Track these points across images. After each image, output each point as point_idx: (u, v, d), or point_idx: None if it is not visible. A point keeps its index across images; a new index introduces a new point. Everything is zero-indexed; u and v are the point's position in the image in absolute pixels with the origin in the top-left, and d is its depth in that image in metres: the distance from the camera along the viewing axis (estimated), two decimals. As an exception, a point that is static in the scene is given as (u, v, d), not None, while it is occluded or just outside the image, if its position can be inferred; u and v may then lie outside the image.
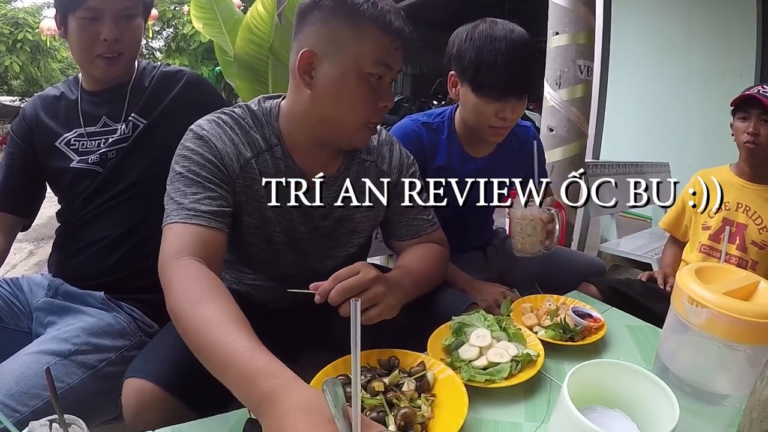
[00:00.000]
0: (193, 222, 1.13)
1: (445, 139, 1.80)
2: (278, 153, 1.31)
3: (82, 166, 1.57)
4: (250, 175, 1.27)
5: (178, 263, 1.06)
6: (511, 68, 1.52)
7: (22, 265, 4.82)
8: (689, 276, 0.93)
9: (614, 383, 0.88)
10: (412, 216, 1.49)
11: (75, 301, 1.52)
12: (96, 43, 1.50)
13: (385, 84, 1.24)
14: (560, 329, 1.31)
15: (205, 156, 1.20)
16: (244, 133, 1.27)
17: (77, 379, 1.30)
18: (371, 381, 1.02)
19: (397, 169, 1.47)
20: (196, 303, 0.98)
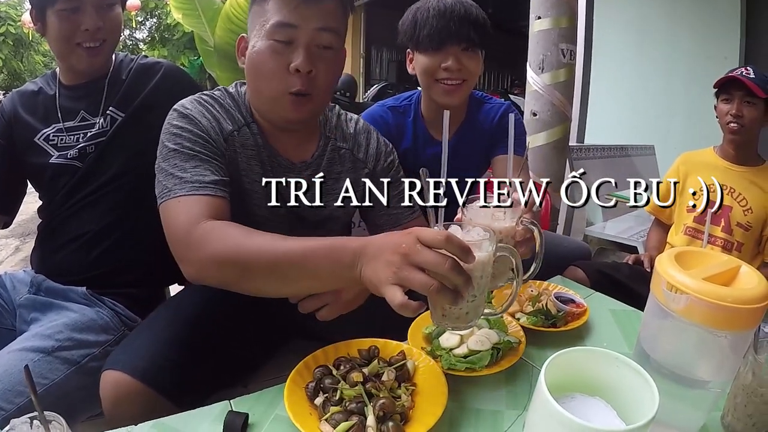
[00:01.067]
0: (200, 193, 1.13)
1: (411, 122, 1.82)
2: (255, 129, 1.33)
3: (62, 161, 1.56)
4: (232, 147, 1.29)
5: (203, 225, 1.06)
6: (442, 17, 1.59)
7: (8, 261, 4.81)
8: (669, 261, 0.92)
9: (594, 370, 0.87)
10: (392, 205, 1.48)
11: (57, 297, 1.52)
12: (77, 33, 1.49)
13: (299, 47, 1.19)
14: (542, 315, 1.30)
15: (194, 132, 1.21)
16: (224, 110, 1.30)
17: (61, 375, 1.31)
18: (350, 371, 1.01)
19: (373, 158, 1.46)
20: (246, 237, 1.04)
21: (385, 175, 1.48)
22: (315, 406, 0.97)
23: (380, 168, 1.47)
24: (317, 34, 1.20)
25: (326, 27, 1.21)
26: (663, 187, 2.30)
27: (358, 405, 0.94)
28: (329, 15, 1.22)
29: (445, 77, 1.65)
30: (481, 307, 0.97)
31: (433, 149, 1.80)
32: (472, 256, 0.85)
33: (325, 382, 1.00)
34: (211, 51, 4.47)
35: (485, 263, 0.91)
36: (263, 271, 1.02)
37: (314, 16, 1.19)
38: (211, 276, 1.07)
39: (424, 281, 0.83)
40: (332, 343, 1.14)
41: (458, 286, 0.85)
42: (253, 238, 1.03)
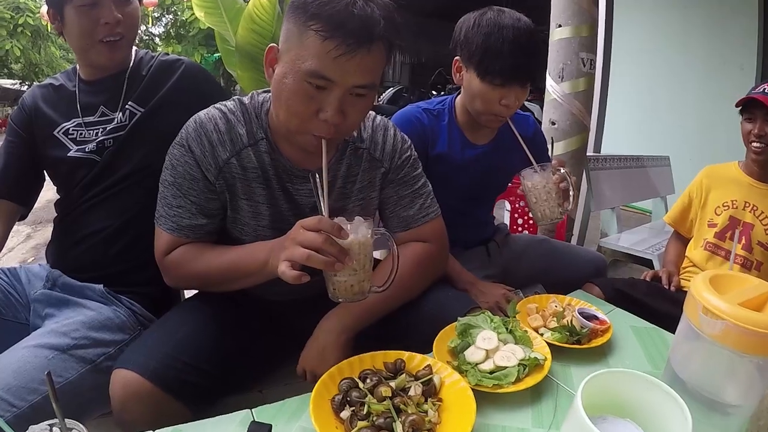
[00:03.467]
0: (176, 234, 1.31)
1: (446, 126, 1.80)
2: (263, 147, 1.30)
3: (80, 155, 1.55)
4: (230, 174, 1.29)
5: (169, 257, 1.33)
6: (516, 56, 1.53)
7: (19, 248, 4.82)
8: (704, 285, 0.91)
9: (625, 392, 0.86)
10: (404, 205, 1.45)
11: (74, 294, 1.51)
12: (97, 28, 1.48)
13: (331, 96, 1.12)
14: (567, 332, 1.29)
15: (185, 167, 1.27)
16: (228, 129, 1.28)
17: (75, 373, 1.29)
18: (378, 385, 1.00)
19: (389, 156, 1.42)
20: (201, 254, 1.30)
21: (398, 173, 1.44)
22: (341, 419, 0.97)
23: (395, 166, 1.44)
24: (353, 89, 1.14)
25: (364, 84, 1.15)
26: (684, 199, 2.28)
27: (386, 420, 0.93)
28: (371, 71, 1.15)
29: (500, 112, 1.63)
30: (365, 282, 1.12)
31: (471, 152, 1.81)
32: (344, 232, 1.04)
33: (351, 395, 0.99)
34: (231, 50, 4.45)
35: (362, 243, 1.08)
36: (214, 281, 1.31)
37: (354, 72, 1.11)
38: (183, 287, 1.36)
39: (303, 253, 1.02)
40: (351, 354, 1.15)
41: (334, 255, 1.03)
42: (202, 258, 1.29)
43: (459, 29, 1.66)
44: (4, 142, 1.64)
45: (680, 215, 2.31)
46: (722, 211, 2.13)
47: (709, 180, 2.22)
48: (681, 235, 2.34)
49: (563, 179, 1.54)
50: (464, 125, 1.81)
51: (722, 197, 2.15)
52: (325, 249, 1.02)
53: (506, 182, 2.06)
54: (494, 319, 1.25)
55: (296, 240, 1.04)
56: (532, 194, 1.57)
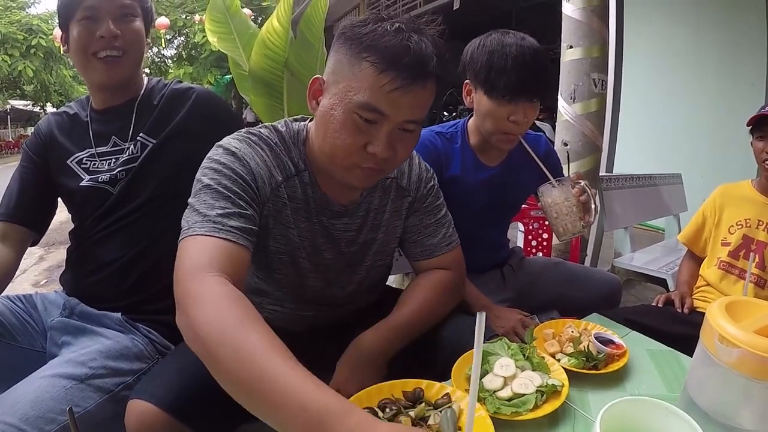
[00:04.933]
0: (220, 236, 1.04)
1: (459, 148, 1.82)
2: (306, 178, 1.28)
3: (92, 184, 1.56)
4: (280, 199, 1.25)
5: (207, 278, 0.96)
6: (521, 70, 1.56)
7: (32, 270, 4.86)
8: (719, 312, 0.92)
9: (643, 419, 0.87)
10: (428, 234, 1.47)
11: (91, 322, 1.51)
12: (92, 41, 1.49)
13: (382, 130, 1.11)
14: (583, 357, 1.30)
15: (238, 172, 1.14)
16: (274, 156, 1.24)
17: (93, 403, 1.29)
18: (397, 415, 1.02)
19: (416, 185, 1.45)
20: (237, 326, 0.87)
21: (423, 202, 1.46)
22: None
23: (420, 195, 1.46)
24: (403, 123, 1.13)
25: (414, 119, 1.14)
26: (698, 218, 2.28)
27: None
28: (422, 107, 1.15)
29: (510, 130, 1.65)
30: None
31: (484, 174, 1.83)
32: None
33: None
34: (245, 75, 4.48)
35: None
36: (228, 375, 0.86)
37: (407, 107, 1.11)
38: (186, 339, 0.95)
39: None
40: None
41: None
42: (238, 335, 0.86)
43: (466, 52, 1.70)
44: (18, 168, 1.66)
45: (694, 234, 2.31)
46: (736, 230, 2.13)
47: (722, 199, 2.22)
48: (695, 255, 2.34)
49: (583, 192, 1.56)
50: (477, 147, 1.84)
51: (736, 216, 2.15)
52: None
53: (519, 203, 2.08)
54: (512, 346, 1.27)
55: None
56: (553, 210, 1.60)
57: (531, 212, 2.78)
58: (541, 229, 2.82)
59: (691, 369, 1.01)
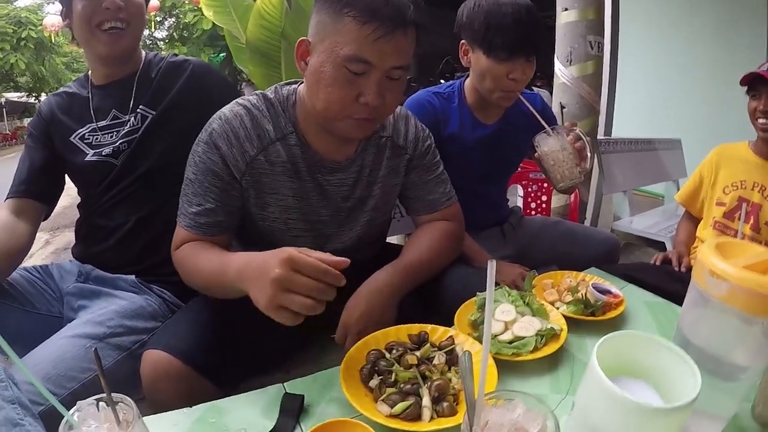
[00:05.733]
0: (193, 231, 1.30)
1: (456, 107, 1.86)
2: (292, 140, 1.33)
3: (97, 158, 1.60)
4: (257, 170, 1.32)
5: (177, 252, 1.33)
6: (518, 28, 1.59)
7: (39, 254, 4.90)
8: (710, 250, 0.95)
9: (638, 355, 0.91)
10: (428, 190, 1.52)
11: (106, 285, 1.57)
12: (97, 11, 1.50)
13: (371, 80, 1.18)
14: (581, 304, 1.34)
15: (209, 164, 1.28)
16: (254, 125, 1.30)
17: (112, 361, 1.35)
18: (404, 355, 1.07)
19: (413, 144, 1.49)
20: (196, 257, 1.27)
21: (422, 159, 1.51)
22: (370, 388, 1.02)
23: (419, 153, 1.50)
24: (390, 70, 1.19)
25: (400, 65, 1.20)
26: (695, 178, 2.30)
27: (413, 386, 0.99)
28: (406, 52, 1.21)
29: (509, 87, 1.68)
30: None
31: (481, 131, 1.87)
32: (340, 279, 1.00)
33: (379, 364, 1.05)
34: (242, 47, 4.46)
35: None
36: (203, 287, 1.28)
37: (391, 55, 1.17)
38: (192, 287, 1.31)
39: (302, 303, 0.96)
40: None
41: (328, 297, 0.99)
42: (197, 260, 1.26)
43: (461, 13, 1.72)
44: (25, 147, 1.70)
45: (691, 194, 2.32)
46: (730, 191, 2.14)
47: (719, 158, 2.23)
48: (692, 216, 2.35)
49: (578, 138, 1.60)
50: (474, 106, 1.86)
51: (731, 177, 2.16)
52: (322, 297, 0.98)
53: (517, 161, 2.11)
54: (512, 293, 1.31)
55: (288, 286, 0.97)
56: (549, 158, 1.63)
57: (530, 174, 2.79)
58: (540, 191, 2.83)
59: (684, 309, 1.04)
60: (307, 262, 0.97)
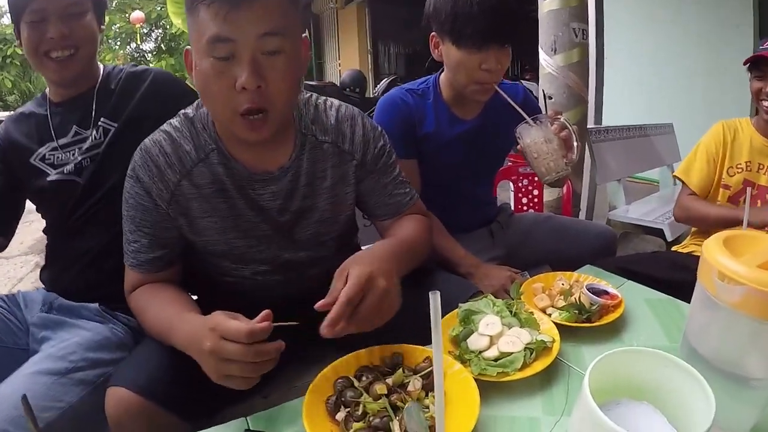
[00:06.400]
0: (136, 270, 1.26)
1: (432, 104, 1.75)
2: (215, 158, 1.22)
3: (59, 177, 1.53)
4: (183, 196, 1.23)
5: (130, 297, 1.28)
6: (488, 15, 1.48)
7: (28, 278, 4.81)
8: (717, 247, 0.84)
9: (640, 372, 0.79)
10: (389, 192, 1.39)
11: (70, 315, 1.49)
12: (43, 41, 1.45)
13: (242, 60, 1.04)
14: (575, 310, 1.22)
15: (137, 198, 1.23)
16: (174, 150, 1.21)
17: (76, 397, 1.27)
18: (373, 382, 0.95)
19: (360, 148, 1.33)
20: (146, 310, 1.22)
21: (375, 163, 1.37)
22: (336, 421, 0.92)
23: (370, 156, 1.35)
24: (260, 41, 1.05)
25: (269, 31, 1.05)
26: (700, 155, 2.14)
27: (383, 420, 0.88)
28: (269, 16, 1.05)
29: (483, 79, 1.58)
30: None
31: (459, 128, 1.76)
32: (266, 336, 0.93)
33: (346, 395, 0.94)
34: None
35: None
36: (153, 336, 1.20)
37: (251, 22, 1.03)
38: None
39: (241, 370, 0.93)
40: (351, 350, 1.08)
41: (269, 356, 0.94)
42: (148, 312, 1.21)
43: (428, 4, 1.62)
44: None
45: (706, 179, 2.12)
46: (735, 173, 2.05)
47: (724, 134, 2.11)
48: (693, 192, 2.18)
49: (563, 128, 1.48)
50: (450, 101, 1.76)
51: (736, 157, 2.06)
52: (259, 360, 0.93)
53: (502, 156, 2.01)
54: (497, 303, 1.18)
55: (222, 356, 0.93)
56: (533, 150, 1.50)
57: (519, 169, 2.69)
58: (532, 185, 2.73)
59: (690, 314, 0.93)
60: (229, 329, 0.92)
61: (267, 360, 0.93)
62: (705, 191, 2.13)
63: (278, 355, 0.95)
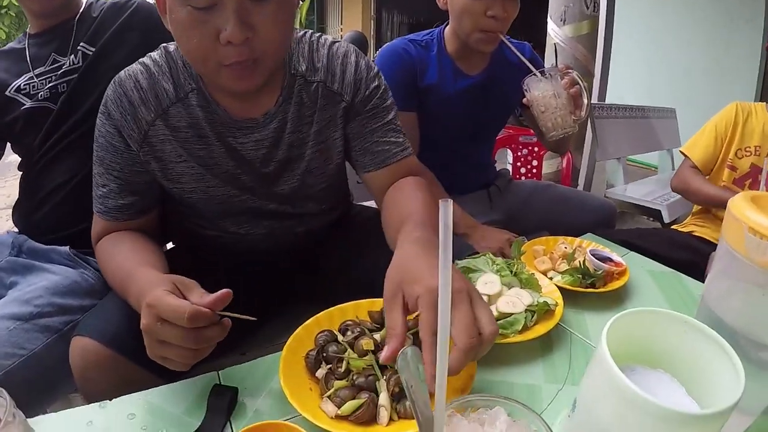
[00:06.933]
0: (104, 218, 1.14)
1: (435, 56, 1.68)
2: (194, 100, 1.09)
3: (34, 104, 1.46)
4: (157, 138, 1.10)
5: (97, 246, 1.15)
6: None
7: (9, 223, 4.68)
8: (746, 204, 0.75)
9: (657, 337, 0.70)
10: (376, 139, 1.23)
11: (39, 258, 1.43)
12: None
13: (226, 8, 0.89)
14: (579, 274, 1.15)
15: (107, 137, 1.11)
16: (151, 86, 1.08)
17: (40, 344, 1.21)
18: (359, 337, 0.86)
19: (351, 86, 1.19)
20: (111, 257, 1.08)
21: (366, 104, 1.22)
22: (316, 379, 0.83)
23: (360, 98, 1.20)
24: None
25: None
26: (708, 133, 2.11)
27: (368, 379, 0.79)
28: None
29: (489, 26, 1.52)
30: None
31: (463, 82, 1.69)
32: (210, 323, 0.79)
33: (328, 350, 0.85)
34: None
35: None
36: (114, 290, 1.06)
37: None
38: None
39: (177, 355, 0.79)
40: None
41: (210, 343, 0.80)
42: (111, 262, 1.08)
43: None
44: None
45: (711, 156, 2.10)
46: (744, 155, 2.01)
47: (736, 116, 2.08)
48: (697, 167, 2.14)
49: (574, 83, 1.43)
50: (455, 54, 1.69)
51: (746, 140, 2.02)
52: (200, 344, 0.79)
53: (505, 116, 1.92)
54: (497, 261, 1.10)
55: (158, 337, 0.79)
56: (540, 103, 1.44)
57: (520, 138, 2.61)
58: (531, 155, 2.66)
59: (711, 278, 0.84)
60: (167, 309, 0.77)
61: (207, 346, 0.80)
62: (707, 167, 2.11)
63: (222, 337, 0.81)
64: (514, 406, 0.55)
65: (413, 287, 0.75)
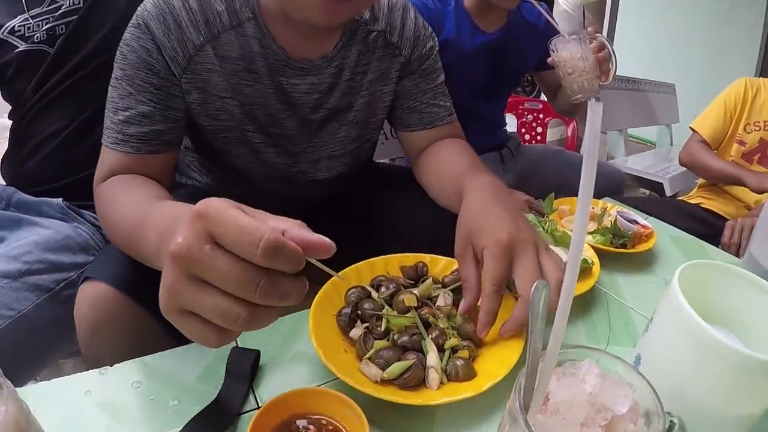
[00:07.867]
0: (121, 149, 0.94)
1: (452, 10, 1.63)
2: (250, 30, 0.99)
3: (28, 48, 1.34)
4: (203, 66, 0.98)
5: (100, 187, 0.94)
6: None
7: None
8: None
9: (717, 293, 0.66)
10: (426, 101, 1.19)
11: (29, 212, 1.32)
12: None
13: None
14: (610, 234, 1.11)
15: (141, 53, 0.93)
16: (201, 7, 0.96)
17: (30, 304, 1.12)
18: (395, 294, 0.79)
19: (410, 42, 1.15)
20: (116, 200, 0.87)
21: (421, 63, 1.18)
22: (351, 340, 0.75)
23: (417, 56, 1.16)
24: None
25: None
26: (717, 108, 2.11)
27: (412, 338, 0.72)
28: None
29: None
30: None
31: (480, 39, 1.65)
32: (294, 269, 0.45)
33: (363, 307, 0.78)
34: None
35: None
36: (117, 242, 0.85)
37: None
38: None
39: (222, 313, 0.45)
40: None
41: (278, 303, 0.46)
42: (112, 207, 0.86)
43: None
44: None
45: (720, 131, 2.11)
46: (752, 130, 2.01)
47: (746, 91, 2.08)
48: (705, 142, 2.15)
49: (602, 47, 1.38)
50: (472, 10, 1.63)
51: (755, 115, 2.03)
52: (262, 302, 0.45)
53: (520, 75, 1.92)
54: (529, 217, 1.05)
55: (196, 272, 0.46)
56: (568, 65, 1.38)
57: (525, 104, 2.57)
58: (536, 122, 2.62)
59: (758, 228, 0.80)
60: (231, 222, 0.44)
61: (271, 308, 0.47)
62: (716, 142, 2.12)
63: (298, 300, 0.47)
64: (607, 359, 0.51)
65: (480, 238, 0.75)
